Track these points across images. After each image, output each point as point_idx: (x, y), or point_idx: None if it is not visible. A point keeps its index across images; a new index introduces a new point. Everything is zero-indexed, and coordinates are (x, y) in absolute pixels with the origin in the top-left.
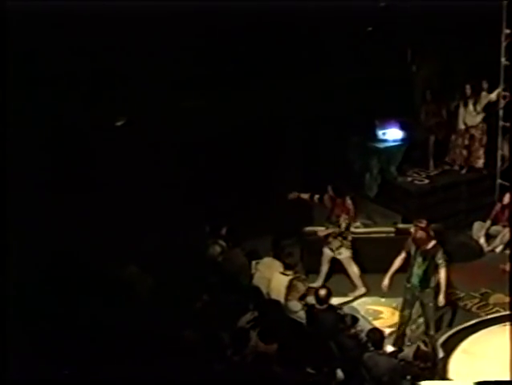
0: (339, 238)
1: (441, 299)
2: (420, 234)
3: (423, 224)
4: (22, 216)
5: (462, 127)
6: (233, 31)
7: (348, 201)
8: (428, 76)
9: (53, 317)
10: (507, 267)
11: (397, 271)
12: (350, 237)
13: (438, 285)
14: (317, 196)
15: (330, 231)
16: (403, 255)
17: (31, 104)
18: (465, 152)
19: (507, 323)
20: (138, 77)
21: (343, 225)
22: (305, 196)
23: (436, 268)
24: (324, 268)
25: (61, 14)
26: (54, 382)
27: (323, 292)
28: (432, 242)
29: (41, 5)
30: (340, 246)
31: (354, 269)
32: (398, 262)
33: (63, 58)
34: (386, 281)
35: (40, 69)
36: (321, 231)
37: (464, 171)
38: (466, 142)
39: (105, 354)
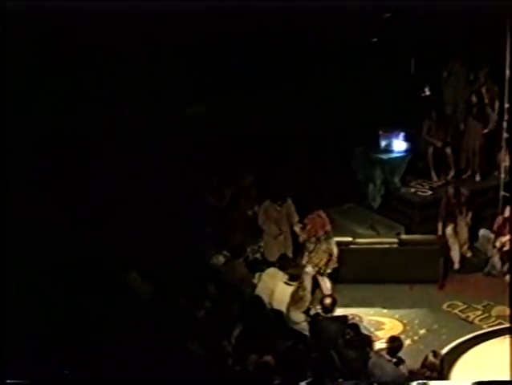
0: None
1: None
2: None
3: None
4: (24, 219)
5: None
6: (237, 39)
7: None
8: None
9: (53, 317)
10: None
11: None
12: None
13: None
14: None
15: None
16: None
17: (31, 105)
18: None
19: (507, 336)
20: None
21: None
22: None
23: None
24: None
25: (61, 14)
26: (54, 382)
27: (328, 300)
28: None
29: (41, 5)
30: None
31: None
32: None
33: (64, 59)
34: None
35: (40, 69)
36: None
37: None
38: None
39: (105, 355)
